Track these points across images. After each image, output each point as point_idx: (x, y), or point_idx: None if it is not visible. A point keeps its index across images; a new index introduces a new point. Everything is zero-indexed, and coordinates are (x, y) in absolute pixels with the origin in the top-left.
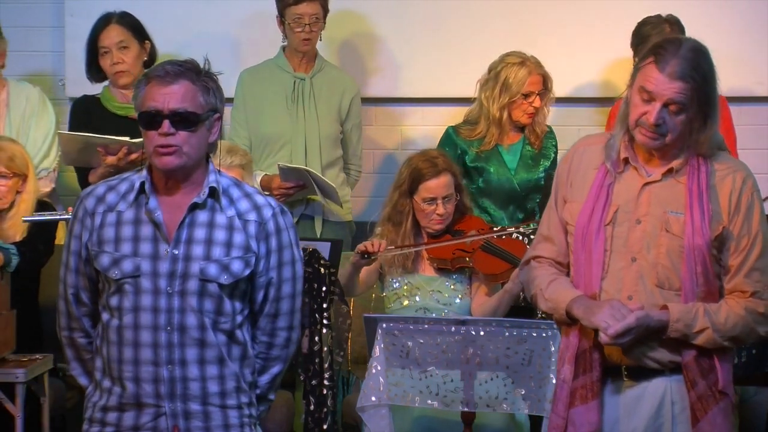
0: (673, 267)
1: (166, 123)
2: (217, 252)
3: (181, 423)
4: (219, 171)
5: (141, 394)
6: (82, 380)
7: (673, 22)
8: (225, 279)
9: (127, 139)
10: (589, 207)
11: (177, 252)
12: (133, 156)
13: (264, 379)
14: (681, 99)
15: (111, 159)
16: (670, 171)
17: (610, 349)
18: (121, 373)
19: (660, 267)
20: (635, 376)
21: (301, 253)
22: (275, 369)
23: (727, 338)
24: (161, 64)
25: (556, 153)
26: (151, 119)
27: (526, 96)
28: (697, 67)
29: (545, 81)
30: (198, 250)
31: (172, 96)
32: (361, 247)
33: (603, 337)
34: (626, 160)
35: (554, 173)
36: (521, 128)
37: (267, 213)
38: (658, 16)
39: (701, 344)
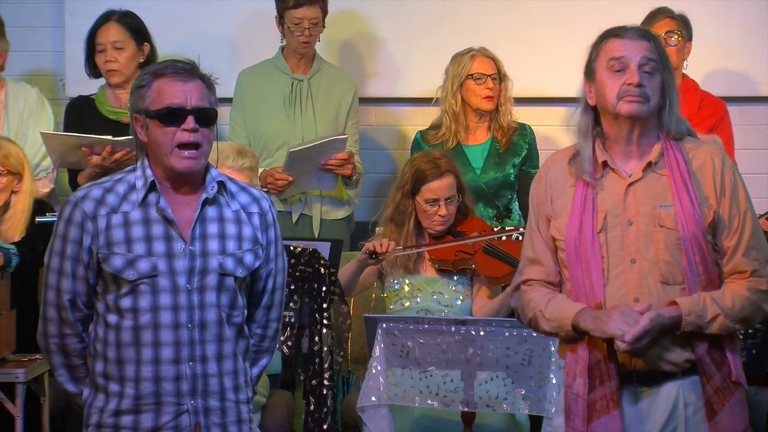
0: (674, 261)
1: (191, 119)
2: (231, 246)
3: (201, 420)
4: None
5: (161, 393)
6: (70, 387)
7: (685, 19)
8: (240, 272)
9: (109, 137)
10: (577, 218)
11: (194, 248)
12: (117, 155)
13: (254, 371)
14: (652, 56)
15: (96, 159)
16: (649, 165)
17: (621, 355)
18: (138, 374)
19: (662, 263)
20: (646, 381)
21: None
22: (264, 361)
23: (737, 321)
24: (166, 63)
25: (530, 148)
26: (173, 115)
27: (475, 78)
28: (651, 33)
29: (497, 65)
30: (213, 245)
31: (193, 93)
32: (369, 246)
33: (621, 345)
34: (605, 164)
35: (534, 172)
36: (488, 122)
37: (265, 205)
38: (671, 9)
39: (715, 332)
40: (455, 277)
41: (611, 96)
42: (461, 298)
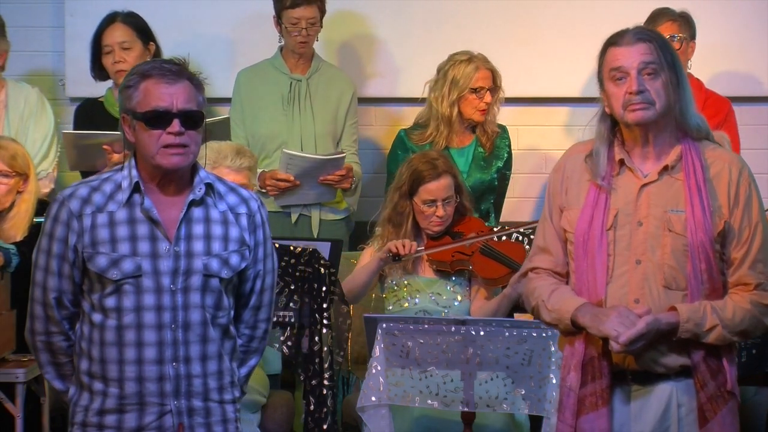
0: (679, 266)
1: (177, 122)
2: (216, 247)
3: (185, 420)
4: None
5: (144, 393)
6: (57, 384)
7: (687, 17)
8: (225, 273)
9: None
10: (588, 213)
11: (178, 249)
12: None
13: (243, 372)
14: (650, 59)
15: (117, 157)
16: (665, 168)
17: (616, 354)
18: (121, 374)
19: (666, 267)
20: (641, 380)
21: None
22: (253, 362)
23: (736, 333)
24: (153, 62)
25: (509, 152)
26: (159, 118)
27: (475, 91)
28: (651, 32)
29: (494, 77)
30: (199, 245)
31: (179, 95)
32: (393, 248)
33: (615, 346)
34: (621, 162)
35: (508, 174)
36: (473, 129)
37: (254, 205)
38: (673, 10)
39: (712, 342)
40: (453, 278)
41: (617, 106)
42: (459, 298)
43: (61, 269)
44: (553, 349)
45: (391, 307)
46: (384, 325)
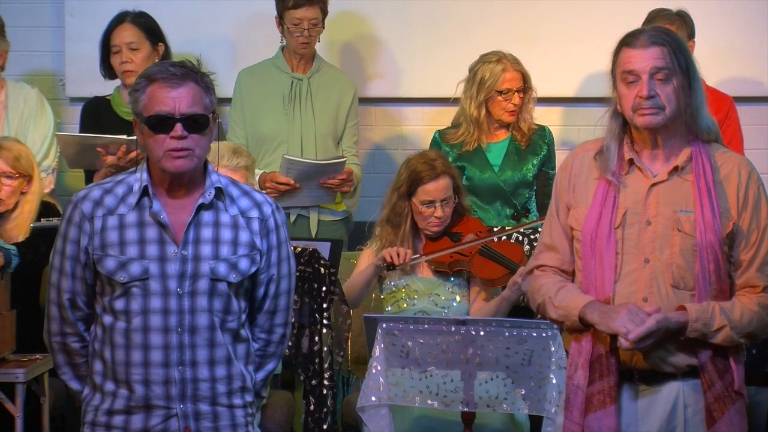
0: (687, 266)
1: (179, 126)
2: (225, 251)
3: (191, 424)
4: (216, 170)
5: (151, 396)
6: (74, 385)
7: (684, 16)
8: (234, 277)
9: (124, 137)
10: (596, 211)
11: (186, 253)
12: (132, 154)
13: (260, 376)
14: (663, 64)
15: (111, 159)
16: (675, 169)
17: (623, 353)
18: (128, 376)
19: (675, 267)
20: (648, 380)
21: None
22: (270, 365)
23: (743, 335)
24: (160, 65)
25: (549, 149)
26: (162, 123)
27: (503, 93)
28: (667, 34)
29: (524, 78)
30: (206, 249)
31: (182, 99)
32: (387, 257)
33: (624, 343)
34: (631, 162)
35: (552, 173)
36: (507, 126)
37: (267, 210)
38: (670, 10)
39: (719, 342)
40: (452, 279)
41: (627, 108)
42: (458, 299)
43: (74, 271)
44: (553, 349)
45: (389, 309)
46: (384, 325)
